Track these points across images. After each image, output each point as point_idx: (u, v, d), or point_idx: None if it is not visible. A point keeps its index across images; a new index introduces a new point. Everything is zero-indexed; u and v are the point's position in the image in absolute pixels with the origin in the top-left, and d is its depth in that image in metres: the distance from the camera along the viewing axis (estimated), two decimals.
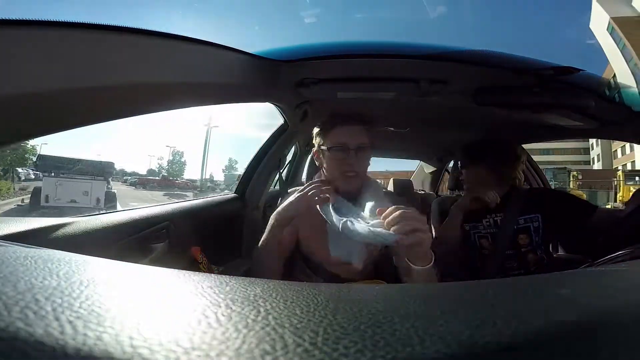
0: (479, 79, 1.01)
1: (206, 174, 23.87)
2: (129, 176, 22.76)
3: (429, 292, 0.25)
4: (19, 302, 0.15)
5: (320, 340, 0.14)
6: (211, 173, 31.27)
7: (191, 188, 19.77)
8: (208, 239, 1.04)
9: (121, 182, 20.63)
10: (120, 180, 21.34)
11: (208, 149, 16.00)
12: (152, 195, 15.35)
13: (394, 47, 0.94)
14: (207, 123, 16.17)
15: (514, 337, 0.16)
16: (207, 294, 0.19)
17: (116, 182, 20.47)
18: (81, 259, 0.25)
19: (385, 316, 0.18)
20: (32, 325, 0.14)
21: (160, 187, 19.29)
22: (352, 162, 0.79)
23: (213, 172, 34.26)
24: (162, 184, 20.19)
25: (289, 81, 1.03)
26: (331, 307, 0.18)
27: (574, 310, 0.20)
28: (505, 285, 0.28)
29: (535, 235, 1.05)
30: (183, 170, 28.33)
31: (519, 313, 0.19)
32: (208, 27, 8.16)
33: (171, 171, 27.26)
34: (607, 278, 0.30)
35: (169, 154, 28.70)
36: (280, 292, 0.21)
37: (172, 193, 17.11)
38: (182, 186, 20.88)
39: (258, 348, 0.14)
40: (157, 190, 18.04)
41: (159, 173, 26.49)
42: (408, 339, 0.15)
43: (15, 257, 0.23)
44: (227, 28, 10.49)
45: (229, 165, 33.69)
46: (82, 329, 0.14)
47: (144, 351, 0.13)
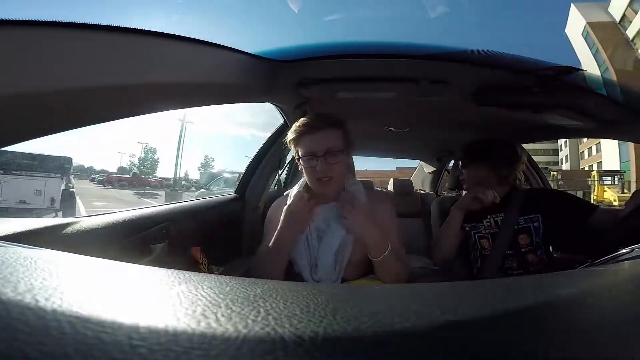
0: (479, 79, 1.01)
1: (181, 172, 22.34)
2: (97, 174, 21.29)
3: (429, 292, 0.25)
4: (19, 303, 0.15)
5: (320, 340, 0.14)
6: (186, 171, 29.97)
7: (164, 186, 18.19)
8: (208, 239, 1.04)
9: (88, 181, 19.46)
10: (88, 178, 20.22)
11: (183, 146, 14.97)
12: (119, 194, 14.39)
13: (394, 47, 0.94)
14: (182, 118, 15.35)
15: (514, 336, 0.16)
16: (207, 294, 0.19)
17: (82, 180, 19.25)
18: (81, 259, 0.25)
19: (385, 316, 0.18)
20: (32, 325, 0.14)
21: (131, 185, 18.26)
22: (323, 169, 0.80)
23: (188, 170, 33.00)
24: (133, 182, 19.08)
25: (289, 81, 1.03)
26: (331, 307, 0.18)
27: (574, 310, 0.20)
28: (505, 285, 0.28)
29: (536, 236, 1.05)
30: (155, 168, 26.89)
31: (519, 313, 0.19)
32: (208, 27, 8.18)
33: (142, 169, 25.71)
34: (607, 278, 0.30)
35: (141, 151, 26.88)
36: (280, 292, 0.21)
37: (143, 192, 16.12)
38: (155, 184, 19.75)
39: (258, 348, 0.14)
40: (127, 189, 16.89)
41: (129, 171, 24.73)
42: (408, 338, 0.15)
43: (15, 257, 0.23)
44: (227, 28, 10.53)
45: (205, 162, 31.89)
46: (82, 329, 0.14)
47: (143, 351, 0.13)
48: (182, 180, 18.30)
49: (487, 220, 1.11)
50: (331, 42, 0.96)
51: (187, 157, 40.90)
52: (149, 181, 21.08)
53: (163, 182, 20.56)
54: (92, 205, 9.14)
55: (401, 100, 1.18)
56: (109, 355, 0.12)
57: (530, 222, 1.06)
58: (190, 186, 17.06)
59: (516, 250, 1.05)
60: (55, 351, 0.12)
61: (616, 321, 0.19)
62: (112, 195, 13.42)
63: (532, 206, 1.07)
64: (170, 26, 0.61)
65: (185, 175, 24.59)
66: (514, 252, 1.06)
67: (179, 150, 14.31)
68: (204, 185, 10.05)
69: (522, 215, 1.07)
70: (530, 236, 1.05)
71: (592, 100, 1.00)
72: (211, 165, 30.90)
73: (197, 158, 44.59)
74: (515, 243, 1.06)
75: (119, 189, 16.51)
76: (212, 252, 0.97)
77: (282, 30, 1.06)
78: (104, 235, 0.66)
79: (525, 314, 0.19)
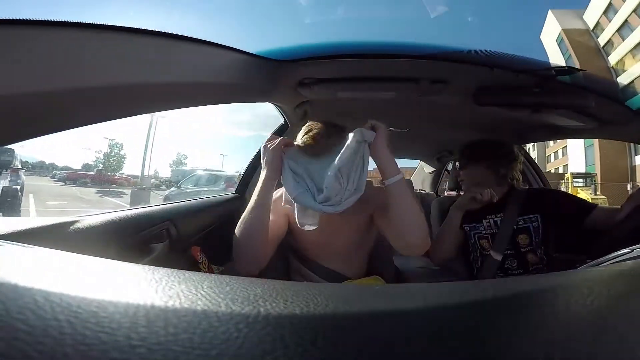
0: (479, 79, 1.01)
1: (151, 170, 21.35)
2: (59, 171, 20.02)
3: (430, 292, 0.25)
4: (18, 302, 0.15)
5: (320, 340, 0.14)
6: (156, 169, 28.77)
7: (132, 184, 16.87)
8: (208, 239, 1.04)
9: (48, 178, 18.30)
10: (48, 175, 19.01)
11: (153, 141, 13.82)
12: (80, 192, 13.46)
13: (394, 47, 0.94)
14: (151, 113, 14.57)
15: (514, 336, 0.16)
16: (207, 294, 0.19)
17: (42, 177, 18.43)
18: (81, 258, 0.25)
19: (385, 316, 0.18)
20: (32, 325, 0.14)
21: (95, 183, 17.28)
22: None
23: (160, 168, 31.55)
24: (97, 180, 18.08)
25: (289, 81, 1.03)
26: (331, 307, 0.18)
27: (574, 310, 0.20)
28: (505, 285, 0.28)
29: (535, 236, 1.05)
30: (122, 165, 25.54)
31: (518, 313, 0.19)
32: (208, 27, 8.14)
33: (108, 165, 24.36)
34: (607, 278, 0.30)
35: (107, 147, 25.65)
36: (280, 292, 0.21)
37: (107, 190, 15.12)
38: (121, 182, 18.51)
39: (258, 348, 0.14)
40: (90, 187, 15.89)
41: (95, 167, 23.59)
42: (408, 338, 0.15)
43: (15, 257, 0.23)
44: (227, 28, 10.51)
45: (177, 160, 31.03)
46: (81, 329, 0.14)
47: (143, 351, 0.13)
48: (151, 178, 17.09)
49: (486, 221, 1.11)
50: (331, 42, 0.96)
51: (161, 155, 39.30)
52: (115, 178, 20.02)
53: (130, 179, 19.39)
54: (45, 205, 8.68)
55: (401, 100, 1.18)
56: (108, 355, 0.12)
57: (529, 222, 1.06)
58: (161, 184, 16.02)
59: (516, 250, 1.05)
60: (54, 351, 0.12)
61: (616, 321, 0.19)
62: (71, 194, 12.69)
63: (531, 206, 1.07)
64: (170, 26, 0.61)
65: (156, 173, 23.71)
66: (513, 252, 1.06)
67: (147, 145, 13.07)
68: (174, 183, 9.45)
69: (521, 215, 1.07)
70: (530, 236, 1.05)
71: (592, 100, 1.00)
72: (183, 162, 29.81)
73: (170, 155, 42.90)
74: (514, 243, 1.06)
75: (81, 187, 15.65)
76: (212, 252, 0.96)
77: (282, 30, 1.06)
78: (104, 234, 0.66)
79: (525, 314, 0.19)
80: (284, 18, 1.07)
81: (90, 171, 21.12)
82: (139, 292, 0.19)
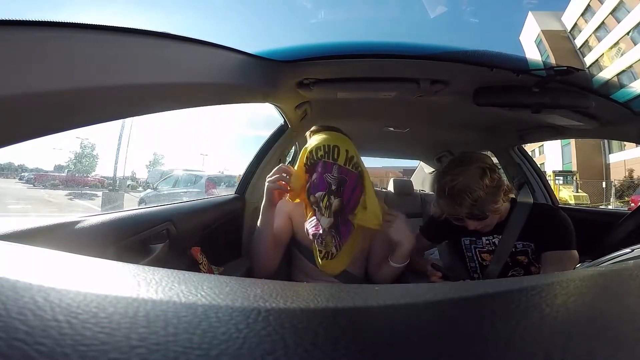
0: (479, 79, 1.01)
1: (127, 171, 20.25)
2: (28, 172, 18.56)
3: (430, 292, 0.25)
4: (18, 302, 0.15)
5: (321, 340, 0.14)
6: (133, 170, 26.86)
7: (106, 186, 15.48)
8: (208, 239, 1.04)
9: (16, 179, 17.14)
10: (16, 177, 17.72)
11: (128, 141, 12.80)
12: (49, 195, 12.43)
13: (394, 47, 0.94)
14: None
15: (513, 336, 0.16)
16: (207, 294, 0.19)
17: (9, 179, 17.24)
18: (81, 259, 0.25)
19: (385, 316, 0.18)
20: (31, 325, 0.14)
21: (66, 185, 16.10)
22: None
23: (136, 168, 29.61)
24: (68, 181, 16.88)
25: (289, 81, 1.03)
26: (331, 307, 0.18)
27: (573, 310, 0.20)
28: (505, 285, 0.28)
29: (533, 256, 1.03)
30: (95, 165, 23.75)
31: (518, 313, 0.19)
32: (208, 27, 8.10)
33: (80, 166, 22.81)
34: (607, 278, 0.30)
35: (79, 147, 23.65)
36: (280, 292, 0.21)
37: (78, 192, 14.04)
38: (95, 184, 17.27)
39: (258, 348, 0.14)
40: (61, 189, 14.63)
41: (65, 169, 22.13)
42: (409, 338, 0.15)
43: (15, 257, 0.23)
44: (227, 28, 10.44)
45: (154, 160, 29.23)
46: (81, 329, 0.14)
47: (143, 351, 0.13)
48: (127, 180, 16.24)
49: (486, 239, 1.10)
50: (331, 42, 0.96)
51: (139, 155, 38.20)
52: (88, 180, 18.77)
53: (104, 181, 17.92)
54: (6, 210, 7.88)
55: (401, 100, 1.18)
56: (108, 356, 0.12)
57: (528, 246, 1.04)
58: (137, 186, 15.31)
59: (517, 265, 1.05)
60: (54, 351, 0.12)
61: (616, 322, 0.19)
62: (38, 197, 11.59)
63: (530, 232, 1.03)
64: (170, 26, 0.61)
65: (133, 174, 22.47)
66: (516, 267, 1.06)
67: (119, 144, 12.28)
68: (150, 185, 8.92)
69: (519, 240, 1.04)
70: (528, 257, 1.04)
71: (592, 100, 1.00)
72: (160, 162, 28.44)
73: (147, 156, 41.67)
74: (514, 260, 1.05)
75: (51, 189, 14.53)
76: (212, 252, 0.97)
77: (282, 30, 1.06)
78: (104, 235, 0.66)
79: (524, 313, 0.19)
80: (284, 18, 1.07)
81: (62, 172, 19.96)
82: (139, 293, 0.19)
